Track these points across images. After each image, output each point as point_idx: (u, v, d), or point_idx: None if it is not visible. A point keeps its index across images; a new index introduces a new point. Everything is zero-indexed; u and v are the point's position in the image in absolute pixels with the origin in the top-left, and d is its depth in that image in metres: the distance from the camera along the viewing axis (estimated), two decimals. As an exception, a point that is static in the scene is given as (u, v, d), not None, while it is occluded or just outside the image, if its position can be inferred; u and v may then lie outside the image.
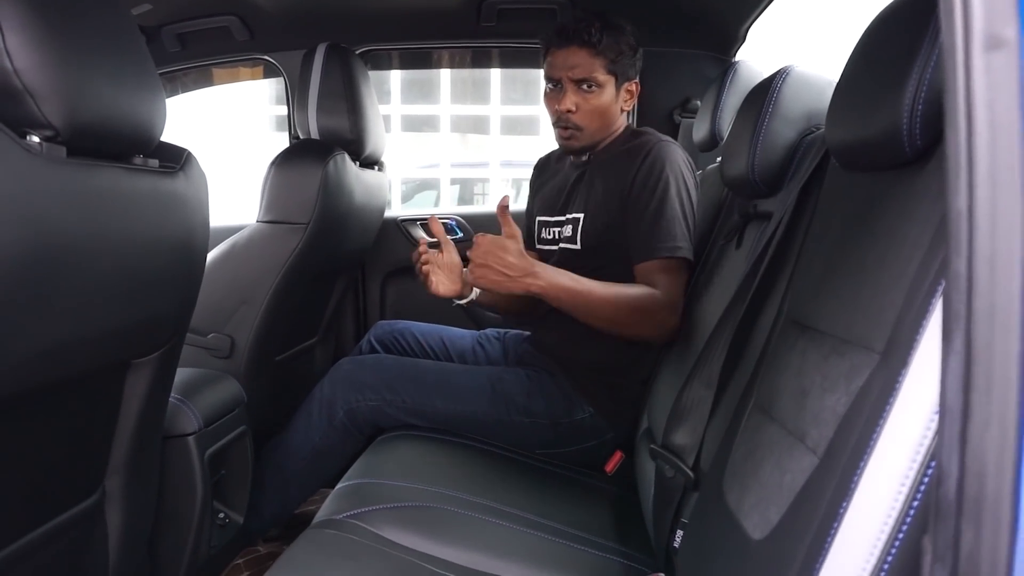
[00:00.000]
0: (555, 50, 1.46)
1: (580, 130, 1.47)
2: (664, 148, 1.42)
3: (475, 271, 1.26)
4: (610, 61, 1.43)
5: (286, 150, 1.60)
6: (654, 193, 1.38)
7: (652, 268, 1.35)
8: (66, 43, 0.70)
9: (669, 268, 1.35)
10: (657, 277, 1.35)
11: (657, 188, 1.38)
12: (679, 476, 1.01)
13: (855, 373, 0.60)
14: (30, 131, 0.69)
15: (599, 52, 1.42)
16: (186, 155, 0.95)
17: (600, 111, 1.46)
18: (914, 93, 0.60)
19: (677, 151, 1.44)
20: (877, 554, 0.47)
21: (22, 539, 0.85)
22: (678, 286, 1.35)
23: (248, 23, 1.92)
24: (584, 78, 1.43)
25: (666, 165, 1.39)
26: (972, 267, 0.31)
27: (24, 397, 0.78)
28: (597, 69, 1.43)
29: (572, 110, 1.45)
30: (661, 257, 1.35)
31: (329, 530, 1.00)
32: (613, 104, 1.48)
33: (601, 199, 1.46)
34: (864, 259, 0.67)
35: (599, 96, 1.45)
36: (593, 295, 1.30)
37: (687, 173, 1.42)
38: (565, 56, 1.44)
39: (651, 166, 1.40)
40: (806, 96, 1.09)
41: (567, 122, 1.47)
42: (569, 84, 1.45)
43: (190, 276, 0.99)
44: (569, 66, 1.44)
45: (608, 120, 1.49)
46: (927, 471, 0.46)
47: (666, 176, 1.38)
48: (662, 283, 1.34)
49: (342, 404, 1.45)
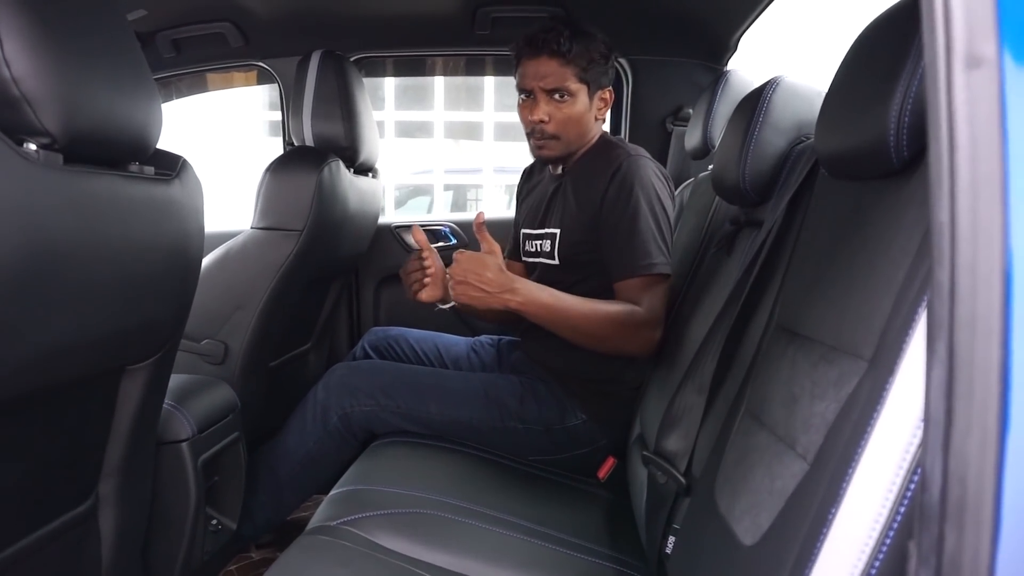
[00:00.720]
0: (525, 60, 1.44)
1: (555, 139, 1.46)
2: (634, 163, 1.40)
3: (456, 288, 1.28)
4: (581, 69, 1.42)
5: (281, 157, 1.60)
6: (625, 211, 1.37)
7: (631, 286, 1.36)
8: (63, 51, 0.70)
9: (647, 284, 1.35)
10: (637, 294, 1.35)
11: (628, 205, 1.37)
12: (671, 482, 1.01)
13: (844, 380, 0.61)
14: (27, 139, 0.69)
15: (569, 61, 1.40)
16: (181, 162, 0.95)
17: (574, 120, 1.45)
18: (900, 104, 0.61)
19: (647, 165, 1.42)
20: (865, 559, 0.48)
21: (16, 544, 0.85)
22: (658, 301, 1.36)
23: (243, 29, 1.92)
24: (556, 87, 1.42)
25: (635, 181, 1.38)
26: (955, 277, 0.32)
27: (19, 402, 0.78)
28: (568, 78, 1.42)
29: (545, 120, 1.44)
30: (639, 275, 1.35)
31: (323, 536, 1.00)
32: (587, 113, 1.46)
33: (575, 214, 1.46)
34: (853, 267, 0.69)
35: (572, 105, 1.44)
36: (572, 311, 1.32)
37: (658, 186, 1.41)
38: (536, 66, 1.42)
39: (621, 183, 1.39)
40: (796, 106, 1.11)
41: (541, 132, 1.46)
42: (541, 94, 1.43)
43: (185, 282, 1.00)
44: (540, 76, 1.42)
45: (582, 129, 1.48)
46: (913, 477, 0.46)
47: (636, 193, 1.37)
48: (642, 300, 1.35)
49: (336, 409, 1.45)
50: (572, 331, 1.34)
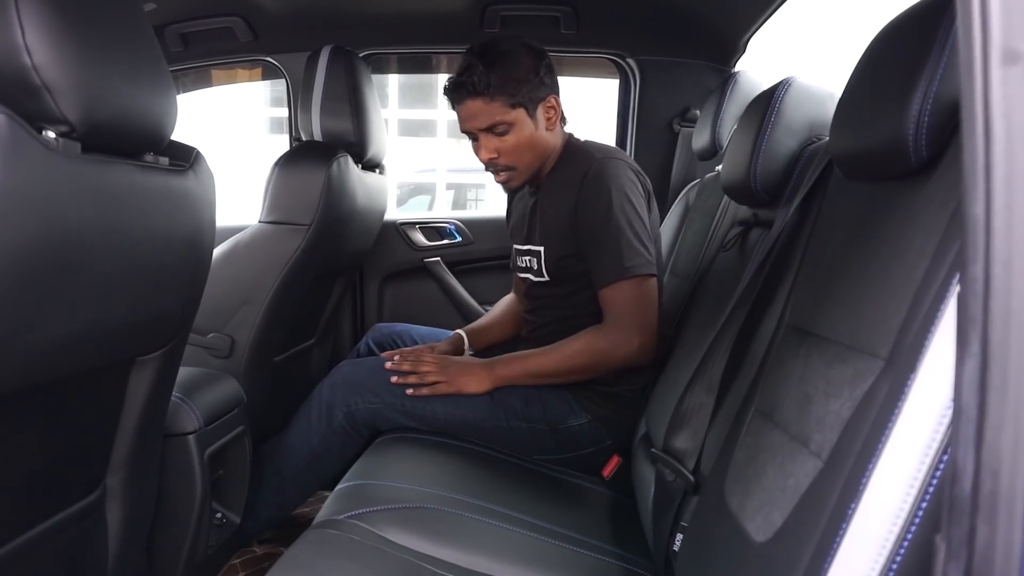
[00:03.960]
0: (456, 107, 1.43)
1: (512, 170, 1.45)
2: (601, 167, 1.38)
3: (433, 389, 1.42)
4: (509, 96, 1.38)
5: (290, 151, 1.60)
6: (596, 215, 1.36)
7: (611, 294, 1.37)
8: (84, 40, 0.70)
9: (628, 289, 1.35)
10: (616, 302, 1.36)
11: (599, 210, 1.36)
12: (679, 480, 1.02)
13: (859, 379, 0.61)
14: (46, 126, 0.69)
15: (493, 96, 1.38)
16: (195, 154, 0.95)
17: (523, 146, 1.43)
18: (920, 105, 0.61)
19: (616, 166, 1.40)
20: (886, 554, 0.48)
21: (25, 534, 0.85)
22: (642, 303, 1.35)
23: (252, 24, 1.92)
24: (489, 125, 1.40)
25: (603, 185, 1.36)
26: (989, 272, 0.32)
27: (31, 392, 0.78)
28: (498, 112, 1.39)
29: (494, 157, 1.43)
30: (619, 280, 1.35)
31: (331, 530, 1.00)
32: (535, 132, 1.43)
33: (555, 230, 1.45)
34: (868, 267, 0.69)
35: (515, 133, 1.41)
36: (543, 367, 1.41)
37: (628, 187, 1.38)
38: (463, 110, 1.41)
39: (590, 189, 1.38)
40: (808, 107, 1.11)
41: (496, 167, 1.45)
42: (480, 134, 1.42)
43: (197, 274, 1.00)
44: (471, 118, 1.41)
45: (537, 149, 1.45)
46: (936, 472, 0.47)
47: (606, 196, 1.36)
48: (624, 307, 1.35)
49: (341, 406, 1.45)
50: (554, 377, 1.41)
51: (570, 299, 1.45)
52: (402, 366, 1.44)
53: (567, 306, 1.49)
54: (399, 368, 1.44)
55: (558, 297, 1.45)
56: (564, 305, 1.50)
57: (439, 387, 1.42)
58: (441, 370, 1.43)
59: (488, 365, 1.44)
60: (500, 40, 1.43)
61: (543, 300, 1.55)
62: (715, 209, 1.53)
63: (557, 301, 1.50)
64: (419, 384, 1.42)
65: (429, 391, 1.42)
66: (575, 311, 1.46)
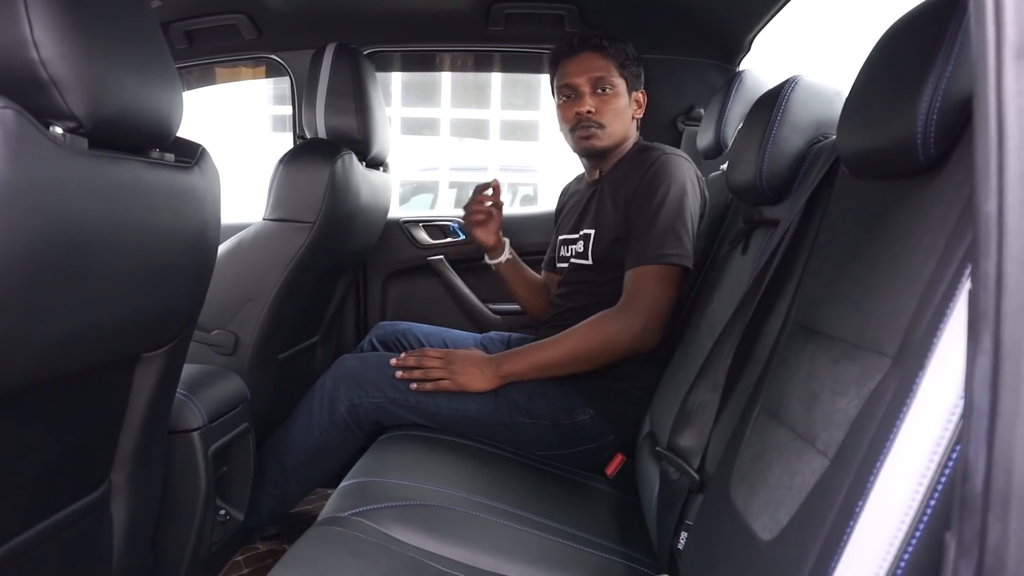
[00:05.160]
0: (567, 59, 1.53)
1: (601, 128, 1.53)
2: (668, 160, 1.46)
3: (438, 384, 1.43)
4: (620, 65, 1.51)
5: (294, 149, 1.60)
6: (651, 202, 1.40)
7: (637, 274, 1.39)
8: (91, 35, 0.70)
9: (655, 273, 1.38)
10: (639, 283, 1.38)
11: (655, 198, 1.41)
12: (684, 478, 1.01)
13: (867, 376, 0.61)
14: (54, 122, 0.69)
15: (610, 56, 1.50)
16: (200, 150, 0.96)
17: (618, 112, 1.53)
18: (929, 102, 0.61)
19: (682, 163, 1.47)
20: (895, 551, 0.48)
21: (30, 530, 0.85)
22: (663, 290, 1.38)
23: (257, 22, 1.92)
24: (600, 78, 1.50)
25: (666, 176, 1.42)
26: (1002, 268, 0.32)
27: (37, 389, 0.78)
28: (611, 70, 1.51)
29: (592, 111, 1.51)
30: (652, 263, 1.38)
31: (335, 527, 1.00)
32: (627, 108, 1.55)
33: (610, 214, 1.50)
34: (876, 265, 0.68)
35: (615, 98, 1.52)
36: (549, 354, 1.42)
37: (689, 185, 1.44)
38: (579, 63, 1.52)
39: (652, 177, 1.43)
40: (815, 105, 1.10)
41: (589, 121, 1.52)
42: (586, 87, 1.51)
43: (202, 270, 1.00)
44: (584, 69, 1.51)
45: (625, 123, 1.55)
46: (945, 469, 0.47)
47: (665, 186, 1.41)
48: (644, 288, 1.37)
49: (344, 400, 1.45)
50: (562, 367, 1.42)
51: (606, 287, 1.47)
52: (407, 362, 1.45)
53: (600, 293, 1.50)
54: (404, 364, 1.45)
55: (595, 284, 1.48)
56: (598, 292, 1.51)
57: (442, 383, 1.43)
58: (445, 366, 1.43)
59: (494, 362, 1.44)
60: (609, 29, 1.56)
61: (579, 286, 1.57)
62: (720, 207, 1.52)
63: (592, 288, 1.53)
64: (423, 380, 1.42)
65: (433, 387, 1.42)
66: (605, 299, 1.46)
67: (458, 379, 1.43)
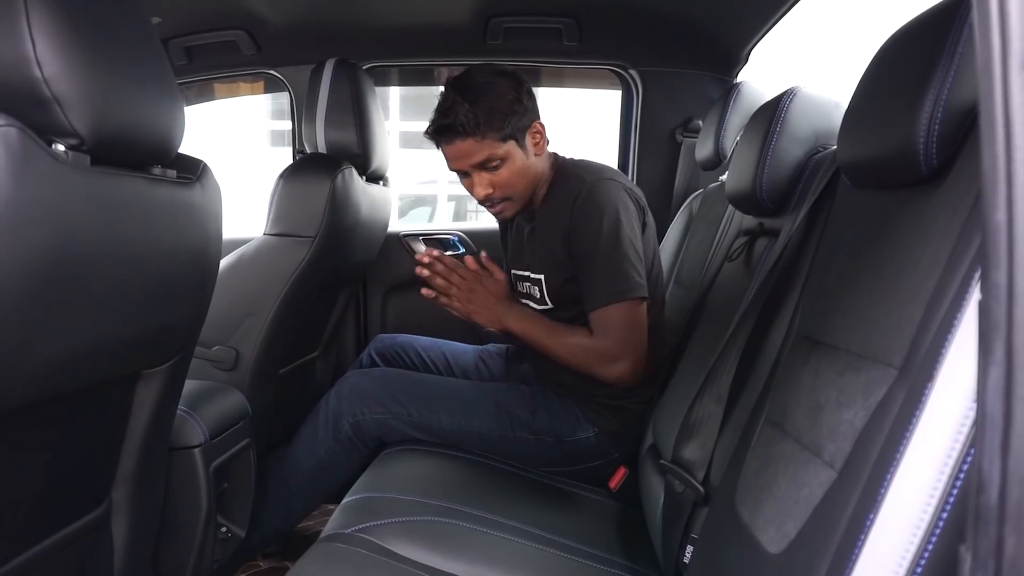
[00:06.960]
0: (443, 147, 1.39)
1: (508, 200, 1.43)
2: (592, 191, 1.36)
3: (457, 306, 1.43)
4: (498, 131, 1.34)
5: (294, 163, 1.61)
6: (588, 240, 1.34)
7: (600, 317, 1.35)
8: (93, 53, 0.70)
9: (618, 312, 1.34)
10: (606, 325, 1.35)
11: (590, 234, 1.34)
12: (689, 491, 1.01)
13: (872, 388, 0.61)
14: (56, 139, 0.69)
15: (483, 135, 1.34)
16: (202, 166, 0.96)
17: (517, 176, 1.40)
18: (931, 112, 0.61)
19: (606, 186, 1.37)
20: (907, 564, 0.48)
21: (31, 549, 0.84)
22: (631, 326, 1.34)
23: (256, 38, 1.93)
24: (482, 162, 1.37)
25: (595, 209, 1.34)
26: (1012, 278, 0.32)
27: (38, 406, 0.77)
28: (489, 148, 1.35)
29: (490, 192, 1.41)
30: (609, 303, 1.34)
31: (338, 543, 0.99)
32: (526, 161, 1.40)
33: (552, 256, 1.43)
34: (879, 276, 0.68)
35: (508, 166, 1.38)
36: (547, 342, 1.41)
37: (620, 207, 1.35)
38: (453, 151, 1.37)
39: (581, 213, 1.35)
40: (813, 116, 1.11)
41: (492, 201, 1.43)
42: (473, 171, 1.39)
43: (203, 286, 1.00)
44: (463, 157, 1.37)
45: (531, 176, 1.42)
46: (956, 481, 0.46)
47: (596, 220, 1.33)
48: (611, 330, 1.34)
49: (348, 416, 1.45)
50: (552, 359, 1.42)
51: (573, 323, 1.44)
52: (436, 267, 1.43)
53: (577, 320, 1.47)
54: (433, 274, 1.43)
55: (563, 319, 1.44)
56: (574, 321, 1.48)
57: (454, 305, 1.44)
58: (465, 292, 1.43)
59: (506, 309, 1.45)
60: (475, 72, 1.38)
61: None
62: (719, 219, 1.52)
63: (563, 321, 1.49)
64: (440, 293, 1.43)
65: (444, 302, 1.43)
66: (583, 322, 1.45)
67: (468, 307, 1.43)
